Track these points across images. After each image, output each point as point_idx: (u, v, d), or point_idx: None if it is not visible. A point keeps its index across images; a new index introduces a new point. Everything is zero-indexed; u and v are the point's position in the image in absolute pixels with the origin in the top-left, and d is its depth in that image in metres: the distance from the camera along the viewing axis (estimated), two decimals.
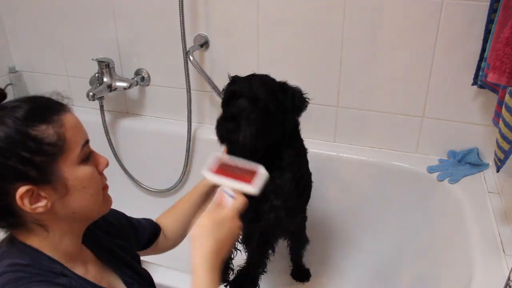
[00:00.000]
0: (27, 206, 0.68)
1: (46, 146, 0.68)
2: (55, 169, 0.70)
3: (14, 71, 1.86)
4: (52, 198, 0.71)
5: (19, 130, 0.67)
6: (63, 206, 0.73)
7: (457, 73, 1.34)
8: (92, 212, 0.79)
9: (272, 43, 1.48)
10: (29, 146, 0.67)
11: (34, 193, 0.69)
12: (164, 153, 1.75)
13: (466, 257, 1.09)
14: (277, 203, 1.01)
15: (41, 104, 0.72)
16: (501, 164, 1.05)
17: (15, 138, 0.67)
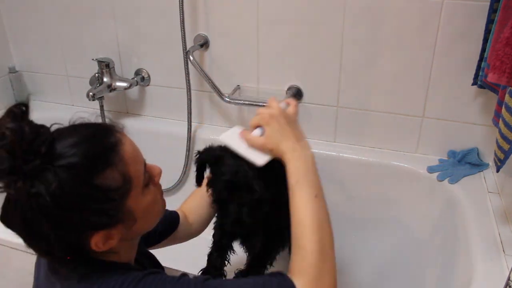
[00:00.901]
0: (101, 247, 0.68)
1: (114, 192, 0.65)
2: (124, 209, 0.68)
3: (14, 71, 1.86)
4: (122, 232, 0.70)
5: (84, 183, 0.62)
6: (131, 232, 0.73)
7: (457, 73, 1.34)
8: (150, 228, 0.80)
9: (272, 43, 1.48)
10: (97, 197, 0.64)
11: (105, 237, 0.68)
12: (164, 153, 1.74)
13: (466, 257, 1.09)
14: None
15: (98, 142, 0.67)
16: (501, 164, 1.05)
17: (82, 191, 0.62)
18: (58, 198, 0.60)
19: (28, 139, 0.59)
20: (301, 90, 1.52)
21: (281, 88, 1.54)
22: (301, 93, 1.52)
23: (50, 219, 0.62)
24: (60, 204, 0.60)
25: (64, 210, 0.61)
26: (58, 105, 1.87)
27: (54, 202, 0.60)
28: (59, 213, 0.61)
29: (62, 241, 0.64)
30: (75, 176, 0.61)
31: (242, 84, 1.59)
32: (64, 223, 0.63)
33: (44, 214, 0.61)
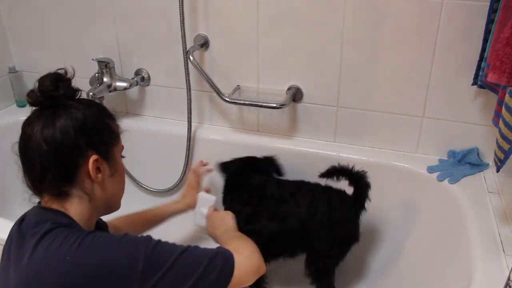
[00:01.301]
0: (92, 172, 0.84)
1: (112, 133, 0.91)
2: (113, 152, 0.90)
3: (14, 71, 1.86)
4: (106, 173, 0.88)
5: (101, 116, 0.90)
6: (109, 183, 0.90)
7: (457, 73, 1.34)
8: (117, 202, 0.96)
9: (272, 43, 1.48)
10: (105, 128, 0.89)
11: (98, 163, 0.85)
12: (164, 153, 1.75)
13: (466, 257, 1.09)
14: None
15: (107, 108, 0.97)
16: (501, 164, 1.05)
17: (99, 119, 0.89)
18: (82, 116, 0.84)
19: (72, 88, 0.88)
20: (301, 90, 1.52)
21: (281, 88, 1.54)
22: (301, 93, 1.52)
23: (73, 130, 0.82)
24: (85, 122, 0.84)
25: (84, 124, 0.84)
26: None
27: (78, 118, 0.84)
28: (81, 126, 0.83)
29: (67, 153, 0.82)
30: (97, 111, 0.91)
31: (242, 84, 1.59)
32: (80, 134, 0.83)
33: (71, 125, 0.82)
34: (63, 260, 0.76)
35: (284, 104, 1.47)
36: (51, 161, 0.82)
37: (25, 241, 0.81)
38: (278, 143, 1.60)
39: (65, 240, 0.78)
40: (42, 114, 0.83)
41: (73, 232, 0.80)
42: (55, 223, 0.81)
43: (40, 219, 0.83)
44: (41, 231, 0.80)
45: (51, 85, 0.83)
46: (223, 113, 1.67)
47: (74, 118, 0.83)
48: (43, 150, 0.81)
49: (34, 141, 0.82)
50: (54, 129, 0.81)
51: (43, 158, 0.82)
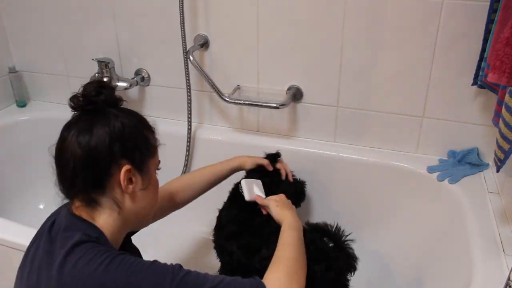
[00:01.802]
0: (123, 182, 0.83)
1: (149, 145, 0.90)
2: (147, 164, 0.89)
3: (14, 71, 1.86)
4: (138, 185, 0.87)
5: (139, 127, 0.90)
6: (141, 196, 0.88)
7: (457, 73, 1.34)
8: (148, 217, 0.94)
9: (272, 43, 1.48)
10: (141, 139, 0.88)
11: (130, 174, 0.85)
12: (164, 153, 1.74)
13: (466, 257, 1.09)
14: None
15: (146, 119, 0.96)
16: (501, 164, 1.05)
17: (137, 130, 0.88)
18: (120, 125, 0.84)
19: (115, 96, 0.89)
20: (301, 90, 1.52)
21: (281, 88, 1.54)
22: (301, 93, 1.52)
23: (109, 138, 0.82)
24: (122, 131, 0.84)
25: (121, 133, 0.84)
26: (58, 105, 1.87)
27: (116, 126, 0.84)
28: (117, 134, 0.83)
29: (100, 160, 0.82)
30: (137, 121, 0.91)
31: (242, 84, 1.59)
32: (117, 144, 0.83)
33: (107, 133, 0.82)
34: (89, 280, 0.75)
35: (284, 104, 1.47)
36: (83, 166, 0.81)
37: (55, 248, 0.81)
38: (278, 143, 1.60)
39: (94, 258, 0.76)
40: (81, 119, 0.84)
41: (102, 251, 0.78)
42: (85, 234, 0.80)
43: (70, 226, 0.82)
44: (71, 242, 0.79)
45: (94, 90, 0.84)
46: (223, 113, 1.67)
47: (112, 125, 0.83)
48: (77, 153, 0.81)
49: (69, 144, 0.82)
50: (90, 134, 0.81)
51: (76, 162, 0.81)
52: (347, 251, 1.07)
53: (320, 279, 1.02)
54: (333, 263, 1.05)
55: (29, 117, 1.84)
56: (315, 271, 1.02)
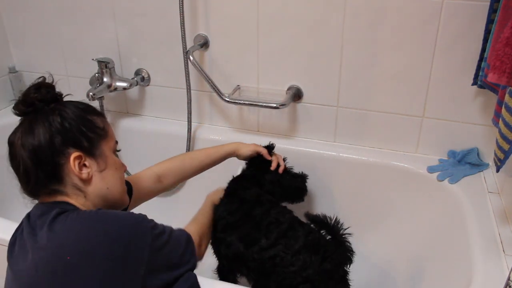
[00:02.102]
0: (76, 168, 0.87)
1: (96, 128, 0.92)
2: (99, 146, 0.92)
3: (14, 71, 1.86)
4: (93, 169, 0.90)
5: (81, 114, 0.91)
6: (100, 179, 0.91)
7: (457, 73, 1.34)
8: (118, 197, 0.97)
9: (272, 43, 1.48)
10: (86, 125, 0.90)
11: (82, 160, 0.88)
12: (164, 153, 1.74)
13: (466, 257, 1.09)
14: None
15: (93, 106, 0.97)
16: (501, 164, 1.05)
17: (79, 117, 0.90)
18: (60, 117, 0.88)
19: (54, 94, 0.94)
20: (301, 90, 1.52)
21: (281, 88, 1.54)
22: (301, 93, 1.52)
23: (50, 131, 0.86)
24: (61, 123, 0.87)
25: (61, 124, 0.87)
26: None
27: (56, 119, 0.87)
28: (58, 126, 0.87)
29: (47, 156, 0.85)
30: (78, 109, 0.92)
31: (242, 84, 1.59)
32: (57, 134, 0.86)
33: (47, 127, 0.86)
34: (84, 228, 0.80)
35: (284, 104, 1.47)
36: (33, 166, 0.85)
37: (36, 231, 0.84)
38: (278, 143, 1.59)
39: (79, 214, 0.82)
40: (23, 122, 0.89)
41: (85, 210, 0.85)
42: (62, 208, 0.85)
43: (45, 210, 0.86)
44: (50, 216, 0.83)
45: (32, 92, 0.89)
46: (223, 113, 1.67)
47: (51, 119, 0.87)
48: (23, 156, 0.85)
49: (16, 147, 0.87)
50: (32, 134, 0.86)
51: (24, 162, 0.86)
52: (344, 244, 1.08)
53: (316, 269, 1.04)
54: (329, 255, 1.06)
55: None
56: (311, 261, 1.04)
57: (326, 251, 1.06)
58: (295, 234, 1.10)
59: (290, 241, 1.08)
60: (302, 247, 1.06)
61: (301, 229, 1.12)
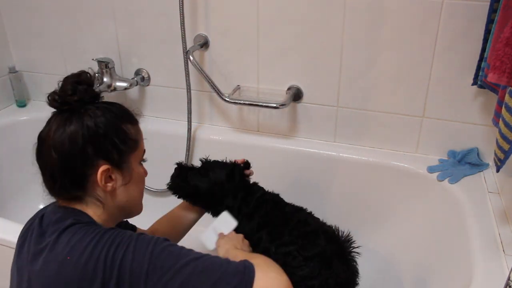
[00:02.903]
0: (101, 182, 0.84)
1: (128, 140, 0.88)
2: (128, 159, 0.88)
3: (14, 71, 1.86)
4: (118, 182, 0.87)
5: (117, 123, 0.86)
6: (123, 192, 0.89)
7: (457, 73, 1.34)
8: (135, 208, 0.95)
9: (272, 43, 1.48)
10: (119, 136, 0.86)
11: (108, 173, 0.85)
12: (164, 153, 1.74)
13: (466, 257, 1.09)
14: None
15: (128, 109, 0.93)
16: (501, 164, 1.05)
17: (113, 126, 0.85)
18: (95, 124, 0.83)
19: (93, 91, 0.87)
20: (301, 90, 1.52)
21: (281, 88, 1.54)
22: (301, 93, 1.52)
23: (83, 139, 0.82)
24: (94, 128, 0.83)
25: (95, 133, 0.83)
26: None
27: (90, 126, 0.83)
28: (91, 134, 0.82)
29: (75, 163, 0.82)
30: (112, 116, 0.86)
31: (242, 84, 1.59)
32: (89, 144, 0.82)
33: (80, 134, 0.82)
34: (81, 254, 0.77)
35: (284, 104, 1.47)
36: (60, 170, 0.82)
37: (45, 237, 0.82)
38: (278, 143, 1.60)
39: (87, 234, 0.79)
40: (56, 120, 0.83)
41: (94, 227, 0.81)
42: (76, 219, 0.82)
43: (61, 217, 0.84)
44: (62, 227, 0.81)
45: (70, 89, 0.83)
46: (223, 113, 1.67)
47: (85, 126, 0.82)
48: (52, 159, 0.82)
49: (46, 147, 0.83)
50: (64, 137, 0.81)
51: (52, 166, 0.83)
52: (351, 266, 1.07)
53: (321, 283, 1.02)
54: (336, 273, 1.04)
55: (29, 117, 1.84)
56: (320, 273, 1.02)
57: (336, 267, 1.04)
58: (315, 240, 1.07)
59: (308, 245, 1.06)
60: (316, 255, 1.04)
61: (323, 237, 1.09)
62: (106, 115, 0.85)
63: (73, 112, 0.83)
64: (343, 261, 1.06)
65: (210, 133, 1.68)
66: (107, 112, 0.86)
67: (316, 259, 1.04)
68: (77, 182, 0.84)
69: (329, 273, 1.03)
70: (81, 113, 0.83)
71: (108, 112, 0.86)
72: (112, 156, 0.85)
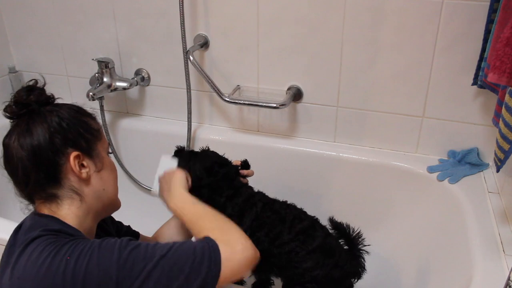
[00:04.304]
0: (76, 168, 0.86)
1: (91, 130, 0.92)
2: (95, 147, 0.92)
3: (14, 71, 1.86)
4: (91, 169, 0.90)
5: (77, 116, 0.91)
6: (97, 179, 0.91)
7: (457, 73, 1.34)
8: (113, 198, 0.96)
9: (272, 43, 1.48)
10: (82, 126, 0.91)
11: (80, 160, 0.88)
12: (164, 153, 1.75)
13: (466, 257, 1.09)
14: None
15: (84, 108, 0.97)
16: (501, 164, 1.05)
17: (75, 119, 0.90)
18: (57, 117, 0.87)
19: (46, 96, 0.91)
20: (301, 90, 1.52)
21: (281, 88, 1.54)
22: (301, 93, 1.52)
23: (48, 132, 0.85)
24: (60, 124, 0.87)
25: (59, 125, 0.87)
26: None
27: (53, 120, 0.87)
28: (56, 126, 0.86)
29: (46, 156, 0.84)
30: (73, 111, 0.92)
31: (242, 84, 1.59)
32: (58, 136, 0.86)
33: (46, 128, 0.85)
34: (39, 270, 0.75)
35: (284, 104, 1.47)
36: (32, 165, 0.84)
37: (15, 248, 0.83)
38: (278, 143, 1.60)
39: (46, 248, 0.77)
40: (19, 124, 0.86)
41: (56, 241, 0.79)
42: (45, 230, 0.82)
43: (31, 226, 0.84)
44: (28, 239, 0.80)
45: (24, 94, 0.87)
46: (223, 113, 1.67)
47: (49, 120, 0.86)
48: (21, 155, 0.84)
49: (13, 149, 0.85)
50: (30, 135, 0.84)
51: (23, 163, 0.84)
52: (358, 259, 1.09)
53: (325, 272, 1.05)
54: (341, 264, 1.07)
55: None
56: (323, 264, 1.05)
57: (339, 259, 1.07)
58: (314, 233, 1.11)
59: (308, 239, 1.09)
60: (317, 247, 1.07)
61: (320, 230, 1.12)
62: (66, 110, 0.90)
63: (32, 113, 0.87)
64: (351, 254, 1.09)
65: (210, 133, 1.68)
66: (66, 108, 0.90)
67: (318, 250, 1.07)
68: (51, 174, 0.85)
69: (332, 262, 1.05)
70: (41, 112, 0.87)
71: (66, 108, 0.91)
72: (81, 144, 0.88)
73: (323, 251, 1.07)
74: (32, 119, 0.86)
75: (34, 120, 0.86)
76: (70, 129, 0.88)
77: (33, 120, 0.86)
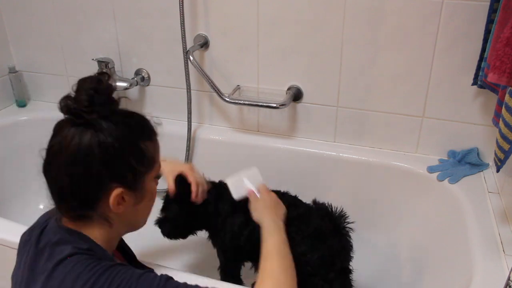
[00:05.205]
0: (113, 205, 0.79)
1: (145, 159, 0.82)
2: (143, 180, 0.82)
3: (14, 71, 1.86)
4: (130, 203, 0.82)
5: (135, 141, 0.80)
6: (133, 211, 0.84)
7: (457, 73, 1.34)
8: (141, 224, 0.91)
9: (272, 43, 1.48)
10: (136, 156, 0.80)
11: (122, 194, 0.79)
12: (164, 153, 1.74)
13: (466, 257, 1.09)
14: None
15: (147, 122, 0.86)
16: (501, 164, 1.05)
17: (131, 145, 0.79)
18: (111, 144, 0.75)
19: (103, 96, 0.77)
20: (301, 90, 1.52)
21: (281, 88, 1.54)
22: (301, 93, 1.52)
23: (98, 160, 0.75)
24: (110, 149, 0.75)
25: (111, 154, 0.76)
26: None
27: (106, 146, 0.75)
28: (107, 156, 0.75)
29: (87, 186, 0.76)
30: (129, 131, 0.79)
31: (242, 84, 1.59)
32: (104, 166, 0.76)
33: (95, 154, 0.75)
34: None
35: (284, 104, 1.47)
36: (70, 192, 0.77)
37: (42, 258, 0.78)
38: (278, 143, 1.60)
39: (83, 273, 0.74)
40: (70, 132, 0.75)
41: (90, 266, 0.75)
42: (76, 247, 0.77)
43: (60, 240, 0.79)
44: (61, 255, 0.76)
45: (86, 100, 0.75)
46: (223, 113, 1.67)
47: (101, 145, 0.75)
48: (62, 178, 0.76)
49: (56, 164, 0.77)
50: (76, 157, 0.75)
51: (61, 184, 0.77)
52: (343, 237, 1.13)
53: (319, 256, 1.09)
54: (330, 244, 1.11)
55: (29, 117, 1.84)
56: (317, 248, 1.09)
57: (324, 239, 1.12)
58: (309, 219, 1.15)
59: (302, 225, 1.13)
60: (312, 232, 1.11)
61: (315, 215, 1.17)
62: (124, 131, 0.78)
63: (87, 125, 0.75)
64: (336, 235, 1.13)
65: (210, 133, 1.68)
66: (125, 128, 0.79)
67: (313, 234, 1.11)
68: (87, 204, 0.79)
69: (324, 248, 1.10)
70: (96, 128, 0.75)
71: (126, 127, 0.79)
72: (127, 179, 0.79)
73: (317, 236, 1.11)
74: (83, 135, 0.75)
75: (85, 137, 0.75)
76: (120, 159, 0.77)
77: (85, 138, 0.75)
